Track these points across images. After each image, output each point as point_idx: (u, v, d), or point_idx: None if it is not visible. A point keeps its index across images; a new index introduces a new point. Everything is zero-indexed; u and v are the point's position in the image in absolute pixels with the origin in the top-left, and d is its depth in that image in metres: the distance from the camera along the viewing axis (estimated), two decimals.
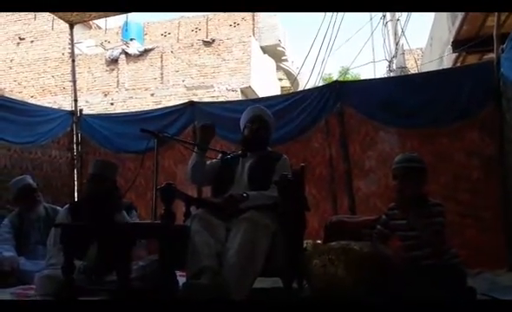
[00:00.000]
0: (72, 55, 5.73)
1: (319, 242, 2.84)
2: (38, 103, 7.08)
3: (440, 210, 2.22)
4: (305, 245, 2.61)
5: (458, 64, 5.95)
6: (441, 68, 6.65)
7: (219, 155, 2.83)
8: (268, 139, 2.82)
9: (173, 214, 2.37)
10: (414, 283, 2.05)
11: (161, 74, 12.27)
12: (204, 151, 2.69)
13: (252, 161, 2.68)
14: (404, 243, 2.28)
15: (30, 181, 3.58)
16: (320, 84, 8.76)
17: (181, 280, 2.36)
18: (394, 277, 2.10)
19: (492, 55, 3.67)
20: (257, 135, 2.73)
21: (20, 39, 13.52)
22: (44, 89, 12.93)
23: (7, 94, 9.59)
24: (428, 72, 5.70)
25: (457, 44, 5.56)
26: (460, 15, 5.24)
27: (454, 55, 5.93)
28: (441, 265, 2.13)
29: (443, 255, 2.18)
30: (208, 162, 2.77)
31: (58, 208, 3.53)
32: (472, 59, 5.64)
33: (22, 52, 13.39)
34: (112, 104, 12.27)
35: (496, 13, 3.65)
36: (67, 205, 2.96)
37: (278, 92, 13.47)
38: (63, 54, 12.90)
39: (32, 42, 13.43)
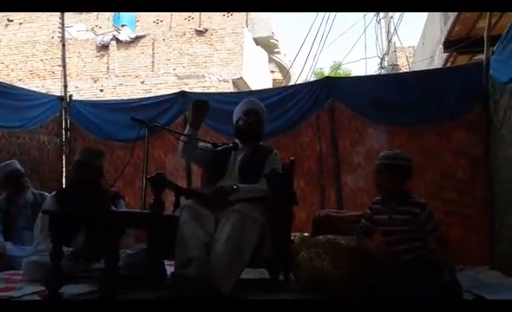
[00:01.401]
0: (62, 39, 5.66)
1: (307, 234, 2.87)
2: (26, 87, 6.95)
3: (426, 213, 2.25)
4: (292, 238, 2.64)
5: (449, 64, 6.02)
6: (432, 67, 6.73)
7: (209, 145, 2.84)
8: (261, 133, 2.84)
9: (162, 204, 2.39)
10: (395, 278, 2.10)
11: (152, 62, 12.15)
12: (196, 128, 2.67)
13: (243, 154, 2.70)
14: (386, 238, 2.33)
15: (18, 166, 3.55)
16: (312, 78, 8.80)
17: (170, 269, 2.38)
18: (378, 272, 2.15)
19: (482, 57, 3.73)
20: (251, 128, 2.74)
21: (8, 21, 13.22)
22: (33, 73, 12.70)
23: None
24: (418, 71, 5.77)
25: (449, 44, 5.63)
26: (452, 15, 5.30)
27: (445, 55, 6.00)
28: (417, 260, 2.18)
29: (419, 250, 2.23)
30: (201, 144, 2.77)
31: (46, 194, 3.50)
32: (463, 59, 5.71)
33: (10, 34, 13.10)
34: (102, 90, 12.13)
35: (488, 14, 3.70)
36: (53, 192, 2.94)
37: (269, 84, 13.47)
38: (53, 37, 12.67)
39: (21, 24, 13.16)
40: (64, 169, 4.95)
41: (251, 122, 2.74)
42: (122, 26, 13.07)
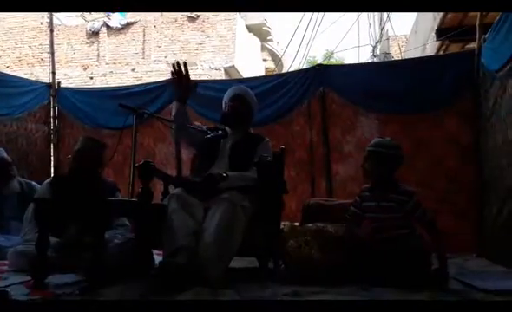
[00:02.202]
0: (51, 24, 5.56)
1: (296, 224, 2.86)
2: (14, 74, 6.84)
3: (414, 201, 2.26)
4: (282, 227, 2.63)
5: (441, 52, 6.00)
6: (424, 55, 6.71)
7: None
8: (249, 119, 2.80)
9: (150, 192, 2.36)
10: (382, 265, 2.11)
11: (143, 49, 12.00)
12: (183, 103, 2.63)
13: (233, 142, 2.67)
14: (374, 224, 2.33)
15: (5, 155, 3.48)
16: (305, 66, 8.75)
17: (158, 259, 2.36)
18: (365, 259, 2.16)
19: (474, 45, 3.72)
20: (236, 113, 2.70)
21: None
22: (21, 60, 12.49)
23: None
24: (410, 59, 5.74)
25: (441, 32, 5.59)
26: None
27: (437, 43, 5.98)
28: (404, 247, 2.19)
29: (407, 237, 2.24)
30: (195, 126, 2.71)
31: (33, 183, 3.46)
32: (455, 48, 5.69)
33: None
34: (91, 78, 11.97)
35: None
36: (48, 180, 2.88)
37: (262, 72, 13.37)
38: (41, 23, 12.43)
39: None
40: (52, 158, 4.89)
41: (235, 107, 2.71)
42: (113, 12, 12.86)
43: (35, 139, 4.71)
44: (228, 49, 11.56)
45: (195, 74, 11.18)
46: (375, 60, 8.76)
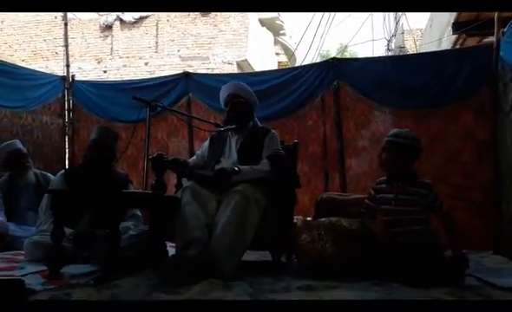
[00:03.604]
0: (65, 19, 5.61)
1: (309, 219, 2.85)
2: (29, 67, 6.92)
3: (433, 194, 2.23)
4: (295, 221, 2.62)
5: (457, 46, 5.89)
6: (440, 49, 6.59)
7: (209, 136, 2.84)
8: (250, 113, 2.76)
9: (164, 184, 2.37)
10: (396, 259, 2.08)
11: (156, 43, 12.03)
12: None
13: (240, 136, 2.68)
14: (388, 217, 2.29)
15: (20, 146, 3.54)
16: (318, 60, 8.68)
17: (172, 251, 2.37)
18: (379, 253, 2.13)
19: (492, 39, 3.64)
20: (233, 116, 2.70)
21: None
22: (36, 53, 12.63)
23: None
24: (426, 52, 5.65)
25: (457, 26, 5.48)
26: None
27: (453, 37, 5.86)
28: (419, 242, 2.16)
29: (422, 232, 2.21)
30: (194, 158, 2.84)
31: (48, 174, 3.51)
32: (472, 41, 5.58)
33: (13, 14, 13.00)
34: (105, 72, 12.05)
35: None
36: (62, 171, 2.91)
37: (275, 67, 13.29)
38: (56, 17, 12.54)
39: None
40: (67, 150, 4.94)
41: (230, 111, 2.71)
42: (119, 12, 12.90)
43: (50, 132, 4.77)
44: (241, 43, 11.52)
45: (208, 68, 11.19)
46: (389, 54, 8.64)
